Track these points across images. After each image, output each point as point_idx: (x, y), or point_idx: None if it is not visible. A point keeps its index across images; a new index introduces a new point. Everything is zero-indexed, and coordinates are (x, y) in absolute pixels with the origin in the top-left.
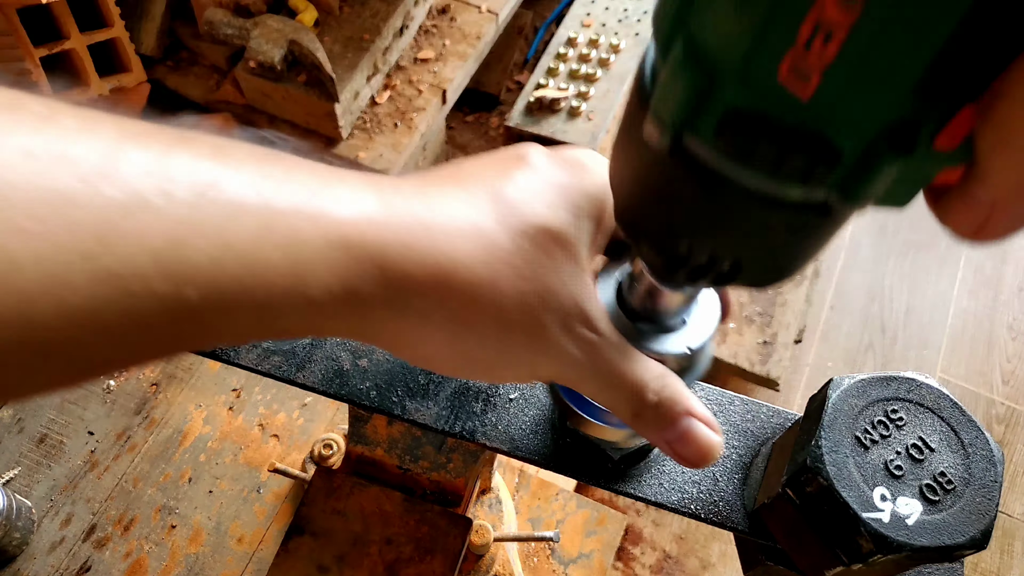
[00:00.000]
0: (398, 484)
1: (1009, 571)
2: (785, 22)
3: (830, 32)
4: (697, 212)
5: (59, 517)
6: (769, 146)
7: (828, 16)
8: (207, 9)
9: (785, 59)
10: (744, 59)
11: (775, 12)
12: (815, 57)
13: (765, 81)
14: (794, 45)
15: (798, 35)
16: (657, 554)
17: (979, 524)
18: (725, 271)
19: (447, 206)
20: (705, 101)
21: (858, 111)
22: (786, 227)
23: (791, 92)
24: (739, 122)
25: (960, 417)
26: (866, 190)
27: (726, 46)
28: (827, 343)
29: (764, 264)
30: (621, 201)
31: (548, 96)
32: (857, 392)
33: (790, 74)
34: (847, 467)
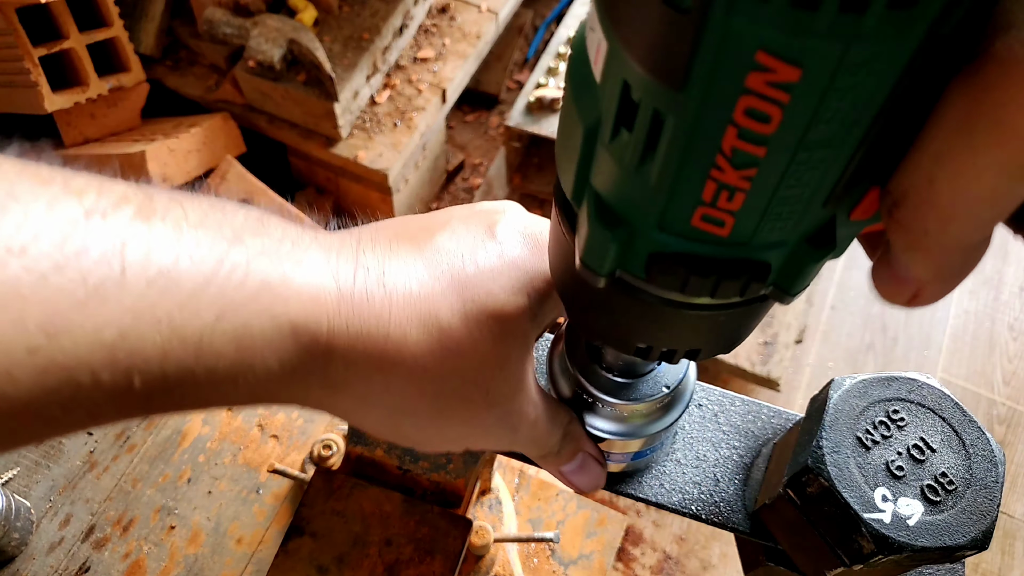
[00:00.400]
0: (398, 485)
1: (1010, 572)
2: (688, 187)
3: (733, 189)
4: (646, 324)
5: (58, 518)
6: (700, 279)
7: (727, 179)
8: (206, 8)
9: (696, 212)
10: (658, 215)
11: (676, 182)
12: (724, 207)
13: (682, 228)
14: (701, 203)
15: (702, 195)
16: (658, 555)
17: (980, 525)
18: (684, 354)
19: (406, 286)
20: (629, 248)
21: (777, 235)
22: (732, 318)
23: (710, 233)
24: (665, 262)
25: (961, 417)
26: (801, 282)
27: (635, 207)
28: (828, 343)
29: (718, 344)
30: (573, 314)
31: (548, 95)
32: (858, 392)
33: (703, 221)
34: (848, 468)
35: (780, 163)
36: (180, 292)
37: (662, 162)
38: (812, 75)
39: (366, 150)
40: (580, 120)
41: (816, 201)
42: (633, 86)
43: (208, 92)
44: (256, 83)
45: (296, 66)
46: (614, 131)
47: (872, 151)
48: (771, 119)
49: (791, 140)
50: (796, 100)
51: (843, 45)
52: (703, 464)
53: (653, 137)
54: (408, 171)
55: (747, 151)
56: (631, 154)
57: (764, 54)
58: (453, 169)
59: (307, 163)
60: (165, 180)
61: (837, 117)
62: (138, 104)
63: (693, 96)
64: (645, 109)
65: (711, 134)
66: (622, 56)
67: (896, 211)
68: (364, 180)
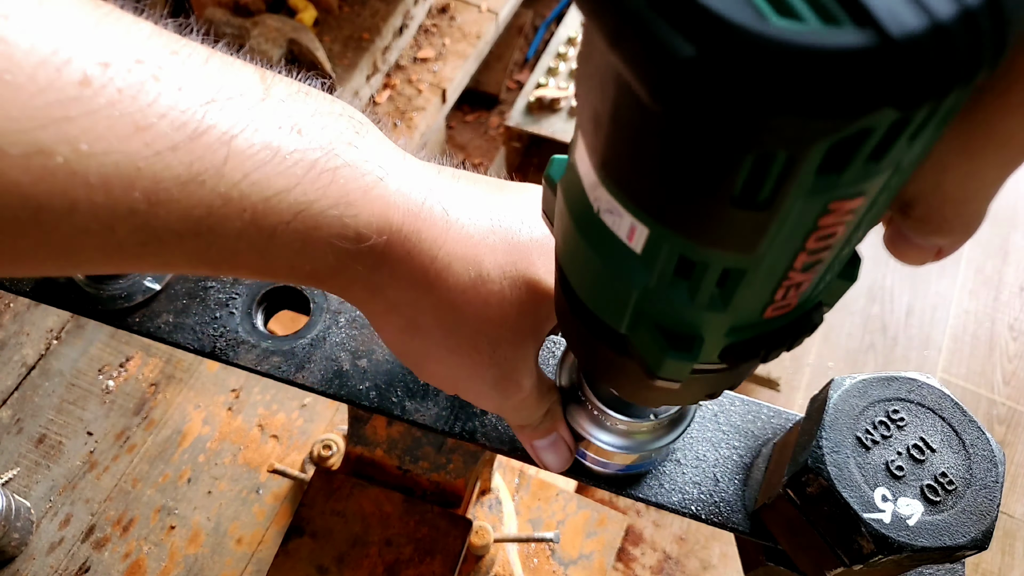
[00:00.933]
0: (398, 485)
1: (1010, 572)
2: (759, 302)
3: (799, 284)
4: (685, 392)
5: (58, 518)
6: (776, 350)
7: (796, 280)
8: (206, 8)
9: (767, 309)
10: (730, 328)
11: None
12: (791, 297)
13: (754, 324)
14: (772, 302)
15: (774, 296)
16: (658, 555)
17: (980, 525)
18: (706, 396)
19: (465, 226)
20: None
21: (825, 285)
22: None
23: (778, 317)
24: (741, 350)
25: (961, 417)
26: (833, 303)
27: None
28: (828, 343)
29: (741, 379)
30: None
31: (548, 95)
32: (858, 392)
33: (775, 311)
34: (848, 467)
35: (840, 251)
36: (269, 189)
37: (734, 298)
38: (873, 196)
39: None
40: (626, 284)
41: (856, 247)
42: (692, 255)
43: None
44: None
45: (296, 66)
46: (672, 281)
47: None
48: (836, 235)
49: (853, 235)
50: (857, 215)
51: (897, 162)
52: (703, 464)
53: (723, 281)
54: None
55: (816, 260)
56: (700, 295)
57: (836, 203)
58: None
59: None
60: None
61: (887, 202)
62: None
63: (763, 256)
64: (712, 269)
65: (783, 266)
66: (675, 239)
67: (912, 211)
68: None
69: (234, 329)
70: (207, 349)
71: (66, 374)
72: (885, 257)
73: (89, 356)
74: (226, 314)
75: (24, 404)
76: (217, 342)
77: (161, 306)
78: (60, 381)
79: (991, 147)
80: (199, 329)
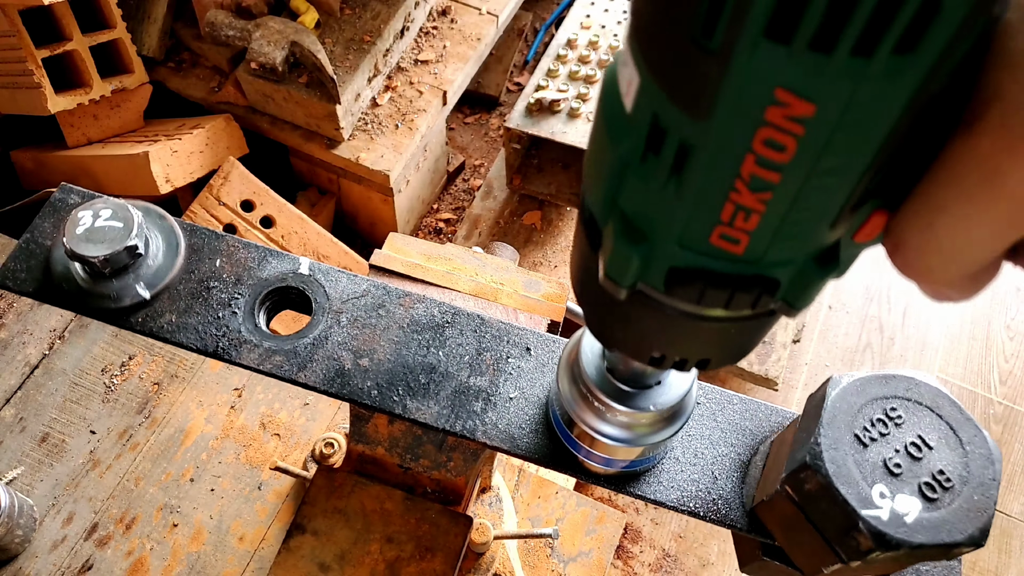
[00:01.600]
0: (399, 483)
1: (1007, 570)
2: (709, 208)
3: (749, 211)
4: (662, 333)
5: (61, 516)
6: (716, 291)
7: (744, 201)
8: (209, 11)
9: (714, 231)
10: (679, 233)
11: (698, 203)
12: (740, 227)
13: (701, 245)
14: (720, 222)
15: (721, 215)
16: (656, 552)
17: (977, 522)
18: (696, 364)
19: None
20: (650, 263)
21: (787, 253)
22: (742, 330)
23: (726, 251)
24: (684, 276)
25: (958, 416)
26: (807, 298)
27: (659, 224)
28: (825, 343)
29: (728, 354)
30: (591, 319)
31: (548, 97)
32: (856, 390)
33: (721, 239)
34: (846, 465)
35: (793, 188)
36: None
37: (685, 185)
38: (824, 111)
39: (367, 151)
40: (610, 146)
41: (824, 223)
42: (662, 116)
43: (210, 94)
44: (258, 85)
45: (298, 68)
46: (643, 156)
47: (875, 180)
48: (786, 149)
49: (804, 168)
50: (809, 133)
51: (853, 85)
52: (701, 462)
53: (679, 162)
54: (409, 172)
55: (763, 177)
56: (657, 177)
57: (783, 91)
58: (454, 170)
59: (309, 164)
60: (168, 181)
61: (845, 149)
62: (141, 106)
63: (716, 127)
64: (672, 137)
65: (731, 161)
66: (653, 90)
67: (899, 252)
68: (365, 181)
69: (236, 329)
70: (210, 349)
71: (69, 373)
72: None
73: (92, 355)
74: (228, 314)
75: (27, 403)
76: (220, 342)
77: (164, 306)
78: (63, 380)
79: (987, 200)
80: (202, 329)
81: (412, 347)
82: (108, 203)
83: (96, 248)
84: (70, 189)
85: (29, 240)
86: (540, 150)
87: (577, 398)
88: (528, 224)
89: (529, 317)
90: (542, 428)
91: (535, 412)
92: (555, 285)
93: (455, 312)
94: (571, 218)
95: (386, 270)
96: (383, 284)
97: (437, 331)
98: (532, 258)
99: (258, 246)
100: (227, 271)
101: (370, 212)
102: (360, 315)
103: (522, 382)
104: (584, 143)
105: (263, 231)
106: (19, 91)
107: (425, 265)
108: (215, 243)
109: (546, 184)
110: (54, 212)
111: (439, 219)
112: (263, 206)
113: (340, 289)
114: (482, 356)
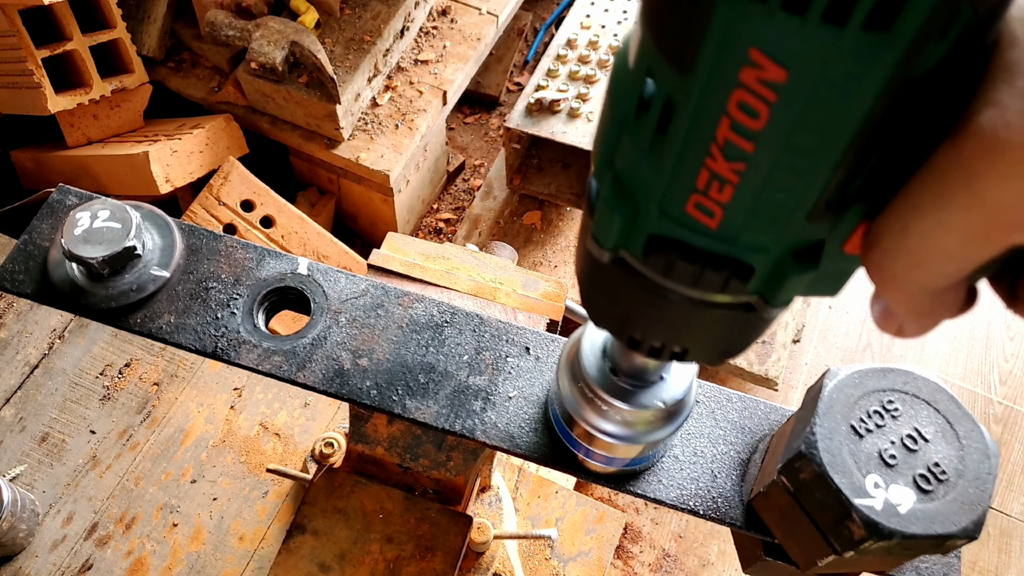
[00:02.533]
0: (399, 482)
1: (1007, 570)
2: (686, 171)
3: (723, 180)
4: (640, 309)
5: (61, 515)
6: (688, 265)
7: (719, 169)
8: (209, 11)
9: (691, 199)
10: (659, 197)
11: (677, 164)
12: (714, 198)
13: (678, 213)
14: (696, 190)
15: (697, 182)
16: (656, 552)
17: (971, 515)
18: (677, 353)
19: None
20: (632, 227)
21: (761, 238)
22: (718, 322)
23: (701, 222)
24: (661, 245)
25: (956, 410)
26: (785, 294)
27: (643, 186)
28: (825, 342)
29: (709, 349)
30: (583, 293)
31: (548, 97)
32: (854, 383)
33: (696, 210)
34: (841, 454)
35: (766, 162)
36: None
37: (667, 145)
38: (797, 79)
39: (367, 151)
40: (613, 106)
41: (800, 212)
42: (654, 71)
43: (210, 94)
44: (258, 85)
45: (298, 68)
46: (636, 114)
47: (853, 176)
48: (759, 115)
49: (776, 140)
50: (782, 100)
51: (824, 55)
52: (700, 460)
53: (663, 120)
54: (409, 172)
55: (738, 144)
56: (645, 134)
57: (756, 51)
58: (454, 170)
59: (309, 164)
60: (168, 181)
61: (818, 127)
62: (141, 105)
63: (696, 83)
64: (660, 93)
65: (708, 121)
66: (648, 43)
67: (871, 253)
68: (365, 181)
69: (235, 329)
70: (209, 349)
71: (69, 373)
72: None
73: (92, 355)
74: (227, 314)
75: (27, 403)
76: (219, 342)
77: (162, 307)
78: (63, 380)
79: (965, 208)
80: (200, 329)
81: (411, 347)
82: (106, 204)
83: (94, 249)
84: (67, 190)
85: (27, 241)
86: (540, 150)
87: (577, 396)
88: (528, 224)
89: (528, 316)
90: (541, 427)
91: (534, 411)
92: (554, 284)
93: (454, 312)
94: (571, 218)
95: (384, 270)
96: (382, 284)
97: (436, 331)
98: (532, 258)
99: (256, 246)
100: (225, 271)
101: (370, 212)
102: (359, 315)
103: (521, 381)
104: (584, 143)
105: (263, 231)
106: (19, 91)
107: (423, 265)
108: (213, 243)
109: (546, 184)
110: (52, 213)
111: (439, 219)
112: (263, 206)
113: (339, 289)
114: (481, 355)
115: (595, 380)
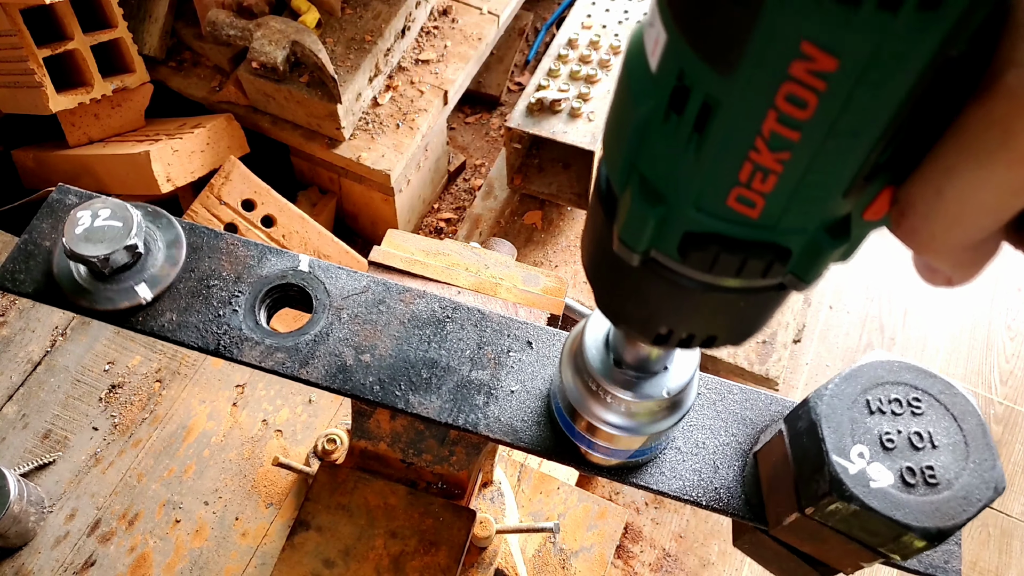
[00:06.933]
0: (402, 478)
1: (1008, 570)
2: (728, 168)
3: (767, 171)
4: (671, 305)
5: (63, 512)
6: (729, 257)
7: (763, 161)
8: (210, 10)
9: (732, 192)
10: (696, 195)
11: (718, 161)
12: (757, 188)
13: (717, 208)
14: (738, 183)
15: (739, 175)
16: (656, 552)
17: (940, 521)
18: (703, 342)
19: None
20: (665, 226)
21: (800, 220)
22: (750, 305)
23: (742, 214)
24: (698, 241)
25: (980, 437)
26: (817, 270)
27: (678, 185)
28: (826, 343)
29: (737, 332)
30: (600, 294)
31: (549, 97)
32: (891, 368)
33: (737, 202)
34: (841, 416)
35: (811, 148)
36: None
37: (706, 144)
38: (848, 66)
39: (368, 151)
40: (634, 107)
41: (838, 190)
42: (687, 72)
43: (211, 93)
44: (259, 84)
45: (299, 68)
46: (665, 115)
47: (890, 147)
48: (808, 105)
49: (823, 126)
50: (831, 88)
51: (877, 40)
52: (702, 452)
53: (701, 120)
54: (410, 172)
55: (784, 135)
56: (679, 136)
57: (808, 44)
58: (455, 170)
59: (310, 164)
60: (169, 180)
61: (864, 108)
62: (142, 105)
63: (741, 81)
64: (696, 94)
65: (754, 117)
66: (679, 46)
67: (904, 220)
68: (366, 180)
69: (237, 327)
70: (211, 347)
71: (71, 370)
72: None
73: (94, 352)
74: (229, 312)
75: (30, 400)
76: (221, 340)
77: (164, 305)
78: (65, 377)
79: (1002, 162)
80: (203, 327)
81: (413, 342)
82: (107, 203)
83: (96, 248)
84: (67, 190)
85: (27, 241)
86: (541, 150)
87: (580, 387)
88: (529, 224)
89: (529, 311)
90: (544, 420)
91: (537, 405)
92: (554, 279)
93: (455, 307)
94: (572, 218)
95: (385, 266)
96: (383, 280)
97: (438, 326)
98: (533, 258)
99: (257, 244)
100: (227, 269)
101: (371, 212)
102: (361, 311)
103: (523, 375)
104: (585, 143)
105: (264, 230)
106: (20, 90)
107: (424, 261)
108: (214, 241)
109: (547, 184)
110: (52, 213)
111: (440, 219)
112: (264, 205)
113: (340, 286)
114: (483, 350)
115: (599, 372)
